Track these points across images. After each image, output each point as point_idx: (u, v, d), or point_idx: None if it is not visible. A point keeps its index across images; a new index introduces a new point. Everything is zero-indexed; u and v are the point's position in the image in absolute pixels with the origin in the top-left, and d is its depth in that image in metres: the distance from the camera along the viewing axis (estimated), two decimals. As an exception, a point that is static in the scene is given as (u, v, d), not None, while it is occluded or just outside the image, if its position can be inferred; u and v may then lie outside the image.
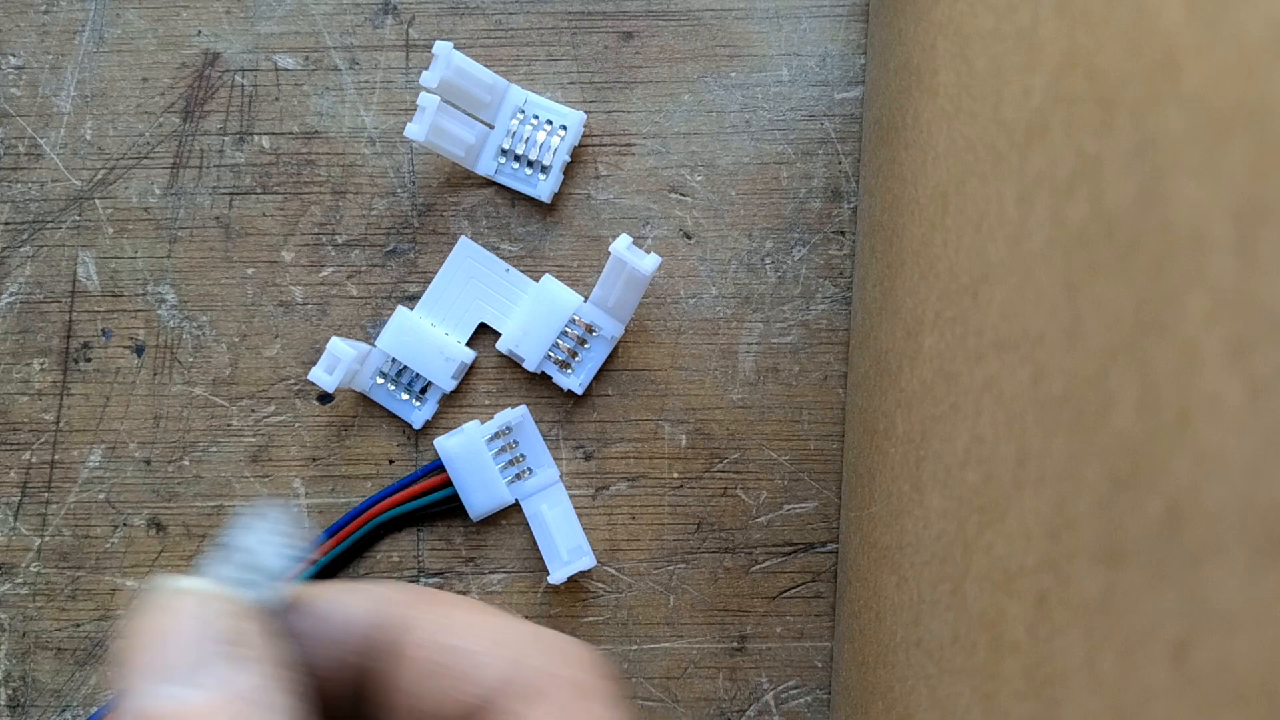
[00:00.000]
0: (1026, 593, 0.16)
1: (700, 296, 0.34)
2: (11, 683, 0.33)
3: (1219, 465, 0.11)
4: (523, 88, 0.34)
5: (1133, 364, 0.14)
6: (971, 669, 0.18)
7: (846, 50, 0.34)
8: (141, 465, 0.34)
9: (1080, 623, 0.14)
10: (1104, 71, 0.15)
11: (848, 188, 0.34)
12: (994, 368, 0.19)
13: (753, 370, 0.34)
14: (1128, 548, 0.13)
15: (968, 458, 0.20)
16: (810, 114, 0.34)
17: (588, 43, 0.34)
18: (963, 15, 0.23)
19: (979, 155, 0.21)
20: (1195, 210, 0.12)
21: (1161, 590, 0.12)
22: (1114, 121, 0.15)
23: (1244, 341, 0.11)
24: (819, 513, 0.34)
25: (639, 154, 0.34)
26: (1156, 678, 0.12)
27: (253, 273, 0.34)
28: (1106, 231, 0.15)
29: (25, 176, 0.34)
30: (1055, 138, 0.17)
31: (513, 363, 0.34)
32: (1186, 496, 0.12)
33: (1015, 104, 0.19)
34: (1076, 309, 0.15)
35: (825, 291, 0.34)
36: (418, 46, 0.34)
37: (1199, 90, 0.13)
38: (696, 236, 0.34)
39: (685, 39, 0.34)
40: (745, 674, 0.34)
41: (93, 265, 0.34)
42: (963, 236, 0.21)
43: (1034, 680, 0.16)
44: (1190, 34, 0.13)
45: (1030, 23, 0.19)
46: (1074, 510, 0.15)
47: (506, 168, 0.34)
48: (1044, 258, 0.17)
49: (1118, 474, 0.14)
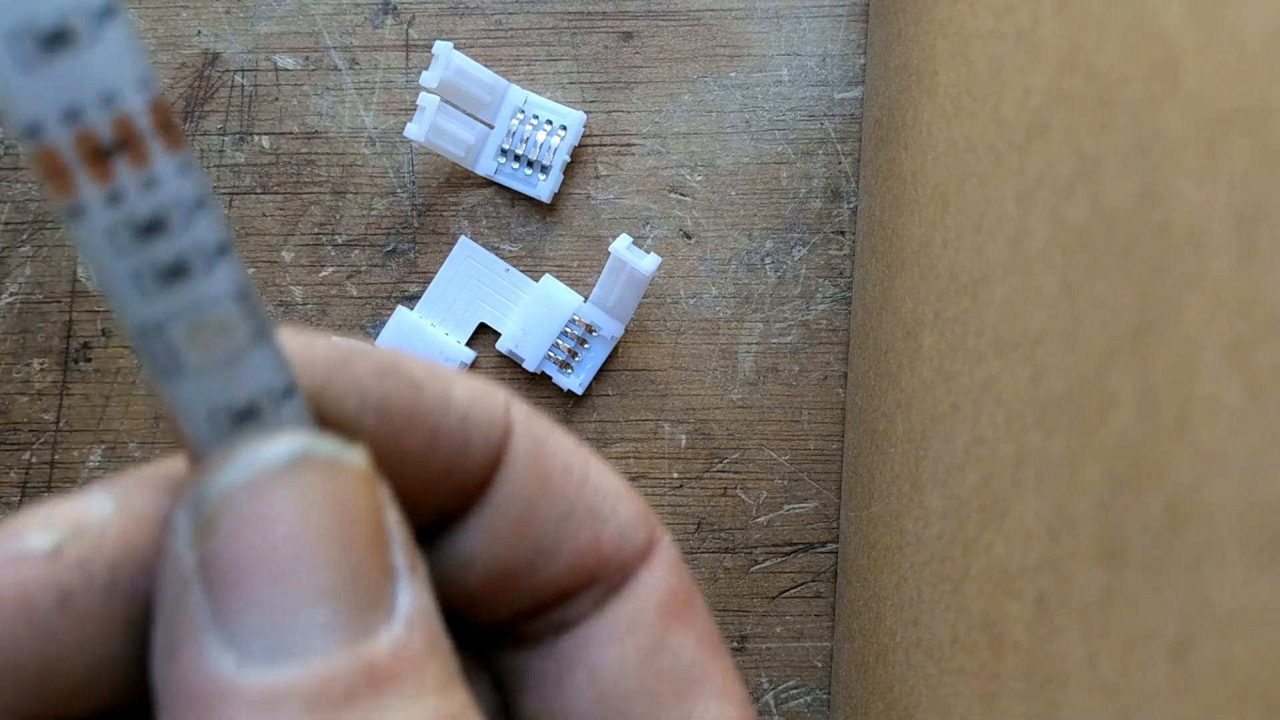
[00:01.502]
0: (1026, 593, 0.16)
1: (700, 296, 0.34)
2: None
3: (1218, 465, 0.11)
4: (522, 88, 0.34)
5: (1132, 364, 0.14)
6: (971, 669, 0.18)
7: (846, 50, 0.34)
8: (141, 465, 0.34)
9: (1080, 623, 0.14)
10: (1104, 72, 0.15)
11: (848, 188, 0.34)
12: (994, 368, 0.19)
13: (753, 370, 0.34)
14: (1127, 548, 0.13)
15: (967, 458, 0.20)
16: (810, 114, 0.34)
17: (587, 43, 0.34)
18: (963, 15, 0.23)
19: (979, 155, 0.21)
20: (1194, 210, 0.12)
21: (1161, 590, 0.12)
22: (1114, 122, 0.15)
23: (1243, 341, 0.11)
24: (819, 513, 0.34)
25: (639, 154, 0.34)
26: (1156, 677, 0.12)
27: (253, 273, 0.34)
28: (1106, 232, 0.15)
29: (25, 176, 0.34)
30: (1055, 138, 0.17)
31: (513, 363, 0.34)
32: (1186, 496, 0.12)
33: (1015, 104, 0.19)
34: (1076, 309, 0.15)
35: (825, 291, 0.34)
36: (417, 46, 0.34)
37: (1198, 91, 0.13)
38: (696, 236, 0.34)
39: (685, 39, 0.34)
40: (745, 674, 0.34)
41: (93, 265, 0.34)
42: (962, 236, 0.21)
43: (1034, 680, 0.16)
44: (1190, 35, 0.13)
45: (1030, 23, 0.19)
46: (1074, 510, 0.15)
47: (506, 168, 0.34)
48: (1044, 258, 0.17)
49: (1117, 474, 0.14)
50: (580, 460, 0.14)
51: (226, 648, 0.10)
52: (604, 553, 0.14)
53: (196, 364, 0.10)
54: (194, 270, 0.10)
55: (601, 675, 0.14)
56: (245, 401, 0.10)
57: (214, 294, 0.10)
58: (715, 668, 0.14)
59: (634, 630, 0.14)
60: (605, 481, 0.14)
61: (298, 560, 0.10)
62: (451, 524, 0.13)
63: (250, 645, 0.10)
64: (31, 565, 0.10)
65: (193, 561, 0.10)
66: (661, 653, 0.14)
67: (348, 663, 0.10)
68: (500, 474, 0.13)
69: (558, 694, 0.14)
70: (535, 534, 0.13)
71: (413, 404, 0.12)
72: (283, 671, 0.10)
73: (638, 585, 0.14)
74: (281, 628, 0.10)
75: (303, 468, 0.10)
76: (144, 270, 0.09)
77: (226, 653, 0.10)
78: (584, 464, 0.14)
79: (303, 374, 0.11)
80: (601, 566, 0.14)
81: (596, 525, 0.14)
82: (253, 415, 0.10)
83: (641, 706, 0.14)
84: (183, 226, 0.09)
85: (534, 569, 0.13)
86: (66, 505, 0.11)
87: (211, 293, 0.10)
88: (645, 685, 0.14)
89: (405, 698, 0.10)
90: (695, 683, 0.14)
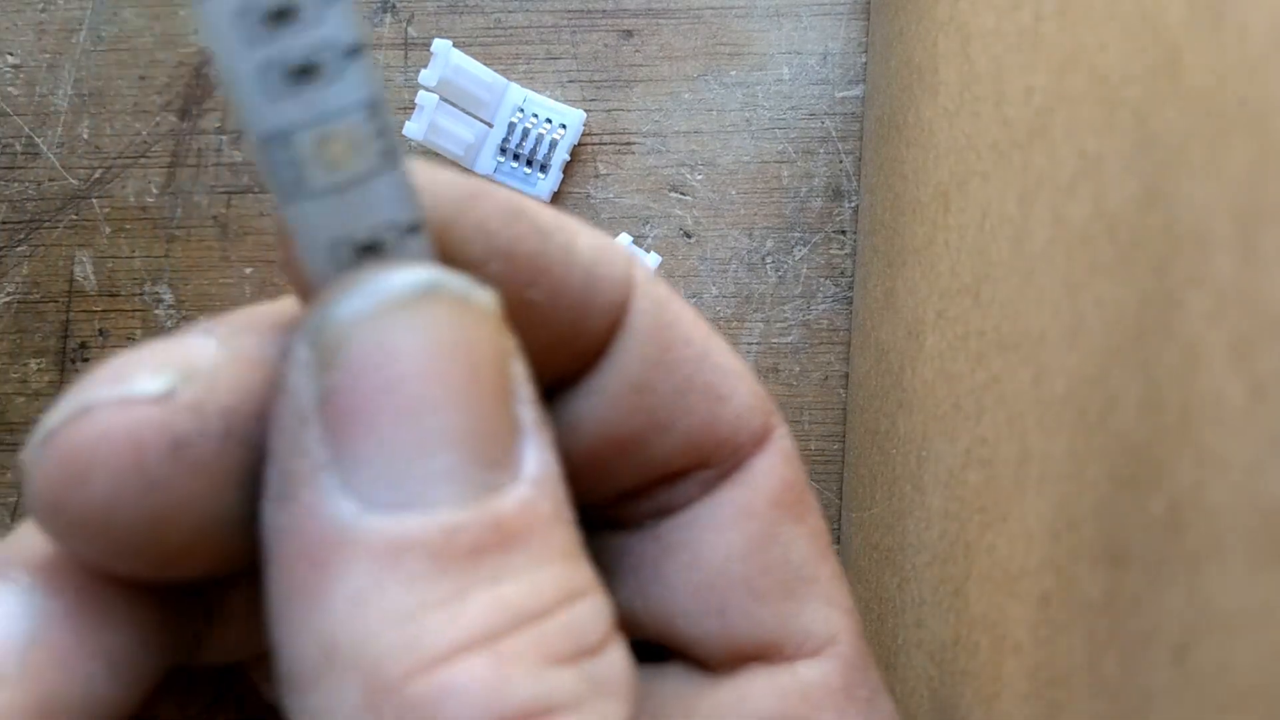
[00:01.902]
0: (1028, 594, 0.16)
1: (700, 296, 0.34)
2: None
3: (1221, 465, 0.11)
4: (522, 86, 0.34)
5: (1134, 364, 0.14)
6: (973, 670, 0.18)
7: (848, 48, 0.34)
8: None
9: (1082, 624, 0.14)
10: (1106, 70, 0.15)
11: (849, 186, 0.34)
12: (996, 368, 0.19)
13: (753, 370, 0.34)
14: (1130, 548, 0.13)
15: (969, 458, 0.20)
16: (811, 112, 0.34)
17: (587, 41, 0.34)
18: (964, 13, 0.23)
19: (980, 154, 0.21)
20: (1197, 210, 0.12)
21: (1163, 591, 0.12)
22: (1116, 120, 0.15)
23: (1246, 341, 0.11)
24: (819, 512, 0.33)
25: (639, 153, 0.34)
26: (1158, 679, 0.12)
27: (251, 272, 0.34)
28: (1108, 231, 0.15)
29: (22, 175, 0.34)
30: (1057, 137, 0.17)
31: (512, 362, 0.34)
32: (1188, 496, 0.12)
33: (1017, 103, 0.19)
34: (1078, 309, 0.15)
35: (826, 291, 0.34)
36: (416, 45, 0.34)
37: (1201, 89, 0.13)
38: (696, 236, 0.34)
39: (685, 37, 0.34)
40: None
41: (90, 265, 0.34)
42: (964, 236, 0.21)
43: (1036, 681, 0.16)
44: (1192, 33, 0.13)
45: (1032, 21, 0.18)
46: (1076, 511, 0.15)
47: (506, 166, 0.34)
48: (1046, 257, 0.17)
49: (1119, 474, 0.14)
50: (701, 332, 0.13)
51: (346, 492, 0.09)
52: (719, 433, 0.13)
53: (322, 183, 0.09)
54: (324, 71, 0.09)
55: (705, 563, 0.13)
56: (369, 232, 0.10)
57: (345, 102, 0.09)
58: (825, 570, 0.13)
59: (744, 519, 0.13)
60: (725, 359, 0.13)
61: (423, 400, 0.09)
62: (565, 388, 0.12)
63: (372, 491, 0.09)
64: (141, 408, 0.09)
65: (312, 395, 0.09)
66: (771, 546, 0.13)
67: (476, 516, 0.09)
68: (620, 337, 0.12)
69: (654, 580, 0.13)
70: (651, 404, 0.12)
71: (539, 252, 0.11)
72: (407, 521, 0.09)
73: (751, 473, 0.13)
74: (405, 474, 0.09)
75: (431, 301, 0.09)
76: (272, 65, 0.09)
77: (346, 497, 0.09)
78: (705, 336, 0.13)
79: (429, 210, 0.10)
80: (716, 448, 0.13)
81: (714, 403, 0.13)
82: (376, 249, 0.10)
83: (743, 599, 0.13)
84: (314, 17, 0.09)
85: (646, 443, 0.12)
86: (173, 347, 0.10)
87: (342, 100, 0.09)
88: (750, 578, 0.13)
89: (533, 560, 0.09)
90: (804, 582, 0.13)
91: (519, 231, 0.11)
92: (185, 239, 0.34)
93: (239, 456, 0.10)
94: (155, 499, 0.09)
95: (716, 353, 0.13)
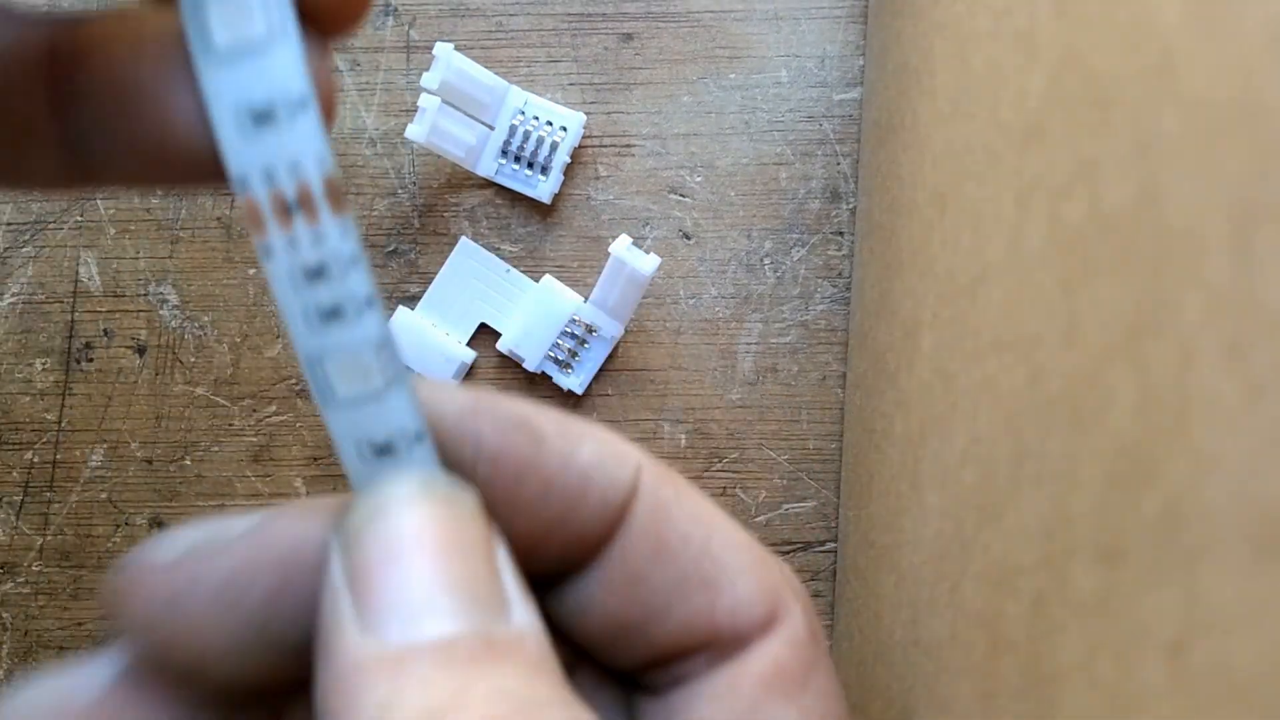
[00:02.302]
0: (1024, 592, 0.16)
1: (699, 297, 0.34)
2: (14, 682, 0.34)
3: (1216, 465, 0.12)
4: (523, 89, 0.34)
5: (1130, 364, 0.14)
6: (970, 668, 0.18)
7: (845, 52, 0.34)
8: (143, 465, 0.34)
9: (1077, 622, 0.14)
10: (1101, 73, 0.15)
11: (846, 188, 0.34)
12: (992, 368, 0.19)
13: (752, 370, 0.34)
14: (1125, 547, 0.13)
15: (966, 457, 0.20)
16: (809, 115, 0.34)
17: (587, 44, 0.34)
18: (960, 17, 0.23)
19: (977, 156, 0.21)
20: (1192, 211, 0.13)
21: (1158, 589, 0.12)
22: (1111, 123, 0.15)
23: (1241, 341, 0.11)
24: (817, 512, 0.34)
25: (638, 155, 0.34)
26: (1153, 677, 0.12)
27: (254, 273, 0.34)
28: (1103, 232, 0.15)
29: (26, 177, 0.34)
30: (1053, 139, 0.17)
31: (513, 363, 0.34)
32: (1183, 496, 0.12)
33: (1013, 105, 0.19)
34: (1074, 309, 0.16)
35: (824, 292, 0.34)
36: (418, 48, 0.35)
37: (1196, 91, 0.13)
38: (696, 237, 0.34)
39: (684, 40, 0.34)
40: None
41: (95, 265, 0.34)
42: (960, 237, 0.21)
43: (1031, 679, 0.16)
44: (1187, 35, 0.13)
45: (1028, 24, 0.19)
46: (1071, 509, 0.15)
47: (507, 168, 0.34)
48: (1041, 258, 0.17)
49: (1115, 473, 0.14)
50: (703, 530, 0.15)
51: (364, 631, 0.11)
52: (716, 621, 0.14)
53: (345, 397, 0.12)
54: (347, 315, 0.12)
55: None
56: (384, 438, 0.12)
57: (360, 338, 0.12)
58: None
59: (728, 696, 0.14)
60: (729, 554, 0.15)
61: (421, 556, 0.12)
62: (573, 571, 0.14)
63: (382, 622, 0.11)
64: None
65: (341, 574, 0.12)
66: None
67: (471, 632, 0.11)
68: (619, 534, 0.14)
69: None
70: (645, 596, 0.14)
71: (530, 458, 0.13)
72: (416, 638, 0.11)
73: (747, 654, 0.14)
74: (410, 608, 0.11)
75: (423, 497, 0.12)
76: (311, 308, 0.12)
77: (363, 634, 0.11)
78: (707, 533, 0.15)
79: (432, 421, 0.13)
80: (713, 634, 0.14)
81: (711, 594, 0.14)
82: (390, 451, 0.12)
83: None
84: (340, 276, 0.12)
85: (645, 627, 0.14)
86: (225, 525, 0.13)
87: (359, 337, 0.12)
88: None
89: (524, 670, 0.11)
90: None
91: (511, 441, 0.13)
92: (190, 240, 0.34)
93: (244, 610, 0.12)
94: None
95: (720, 547, 0.15)
